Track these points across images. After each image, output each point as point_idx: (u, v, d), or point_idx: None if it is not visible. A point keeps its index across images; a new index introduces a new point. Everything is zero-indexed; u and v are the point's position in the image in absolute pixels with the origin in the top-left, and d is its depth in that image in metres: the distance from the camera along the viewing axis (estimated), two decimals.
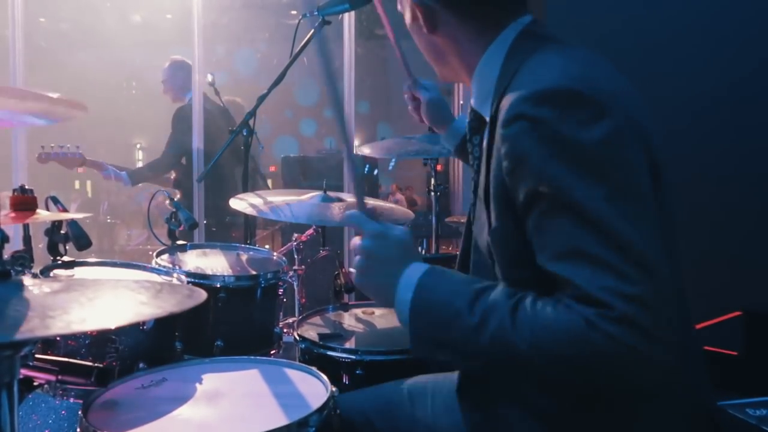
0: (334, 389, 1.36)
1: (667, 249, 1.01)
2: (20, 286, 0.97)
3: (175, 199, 2.36)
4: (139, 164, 6.12)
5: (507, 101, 1.08)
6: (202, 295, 0.99)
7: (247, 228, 2.86)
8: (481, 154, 1.29)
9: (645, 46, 2.53)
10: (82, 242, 1.91)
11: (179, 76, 4.43)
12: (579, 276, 0.97)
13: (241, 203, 2.20)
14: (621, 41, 2.51)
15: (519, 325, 1.00)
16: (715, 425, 1.18)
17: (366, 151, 2.66)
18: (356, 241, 1.21)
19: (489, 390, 1.21)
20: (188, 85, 4.35)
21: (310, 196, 2.25)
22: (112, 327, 0.86)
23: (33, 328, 0.81)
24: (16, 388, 0.94)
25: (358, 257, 1.19)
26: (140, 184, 4.74)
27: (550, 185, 1.01)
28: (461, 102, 4.09)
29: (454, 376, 1.39)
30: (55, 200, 1.92)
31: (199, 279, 2.00)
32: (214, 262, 2.24)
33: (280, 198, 2.26)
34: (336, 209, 2.13)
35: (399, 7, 1.33)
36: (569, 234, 0.99)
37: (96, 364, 1.33)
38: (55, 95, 1.46)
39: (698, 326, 2.32)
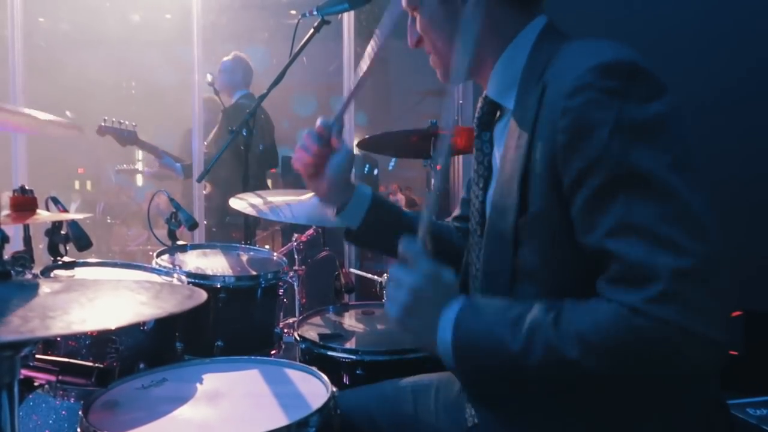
0: (334, 389, 1.36)
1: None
2: (20, 286, 0.97)
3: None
4: (139, 164, 6.12)
5: (565, 75, 1.07)
6: (202, 295, 0.99)
7: (248, 228, 2.86)
8: (492, 146, 1.29)
9: (644, 45, 2.53)
10: (83, 243, 1.91)
11: (242, 71, 4.41)
12: (632, 252, 0.96)
13: (240, 203, 2.21)
14: (622, 40, 2.51)
15: (564, 336, 0.99)
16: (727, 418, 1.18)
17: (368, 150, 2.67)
18: (399, 272, 1.14)
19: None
20: (241, 83, 4.32)
21: (310, 196, 2.24)
22: (113, 327, 0.86)
23: (33, 328, 0.81)
24: (16, 389, 0.94)
25: (403, 293, 1.12)
26: (140, 184, 4.72)
27: (612, 157, 1.00)
28: (461, 101, 4.09)
29: None
30: (56, 201, 1.92)
31: (199, 279, 2.00)
32: (215, 263, 2.24)
33: (279, 198, 2.26)
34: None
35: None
36: (626, 209, 0.98)
37: (96, 365, 1.33)
38: (51, 117, 1.46)
39: None
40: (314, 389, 1.41)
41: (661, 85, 1.04)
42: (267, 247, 2.73)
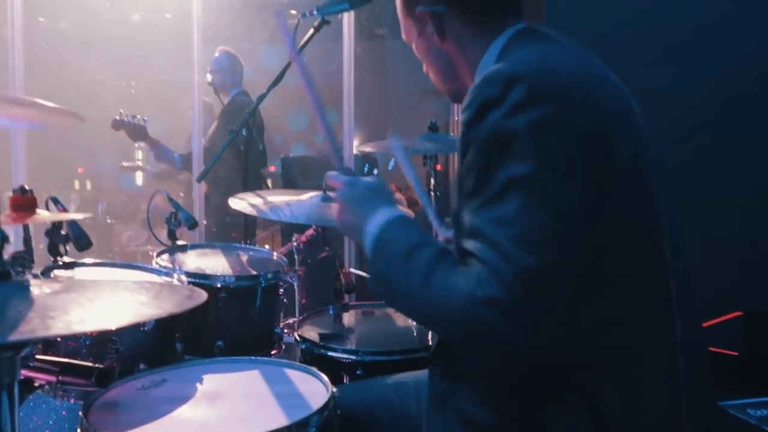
0: (334, 389, 1.36)
1: (632, 228, 1.09)
2: (20, 286, 0.97)
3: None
4: (139, 163, 6.11)
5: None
6: (202, 295, 0.99)
7: (247, 228, 2.85)
8: None
9: (644, 45, 2.53)
10: (83, 243, 1.91)
11: (237, 68, 4.39)
12: (477, 251, 1.04)
13: (240, 203, 2.20)
14: (621, 40, 2.51)
15: (430, 283, 1.08)
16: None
17: (367, 149, 2.66)
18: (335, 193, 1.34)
19: (453, 363, 1.26)
20: (237, 81, 4.31)
21: (310, 196, 2.24)
22: (112, 328, 0.86)
23: (33, 328, 0.81)
24: (16, 389, 0.94)
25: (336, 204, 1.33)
26: (140, 184, 4.72)
27: (473, 165, 1.08)
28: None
29: None
30: (55, 200, 1.92)
31: (199, 279, 2.00)
32: (215, 263, 2.24)
33: (279, 198, 2.25)
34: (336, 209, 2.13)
35: (403, 32, 1.40)
36: (476, 210, 1.07)
37: (96, 365, 1.33)
38: (53, 105, 1.46)
39: None
40: (314, 389, 1.41)
41: (540, 95, 1.06)
42: (267, 247, 2.73)
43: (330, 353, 1.82)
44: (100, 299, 0.95)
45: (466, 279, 1.03)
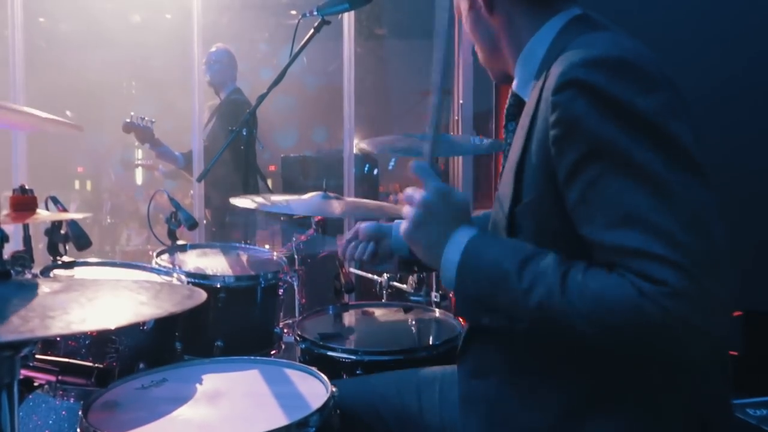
0: (334, 389, 1.36)
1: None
2: (20, 286, 0.97)
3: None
4: (138, 161, 6.12)
5: (556, 70, 1.08)
6: (201, 295, 0.99)
7: (247, 228, 2.86)
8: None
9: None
10: (82, 242, 1.91)
11: (234, 65, 4.38)
12: (632, 244, 0.97)
13: (243, 201, 2.20)
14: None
15: (569, 292, 1.00)
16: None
17: (364, 146, 2.67)
18: (413, 192, 1.20)
19: (488, 358, 1.22)
20: (233, 78, 4.32)
21: (310, 195, 2.24)
22: (112, 327, 0.86)
23: (33, 328, 0.81)
24: (16, 389, 0.94)
25: (414, 209, 1.17)
26: (139, 183, 4.72)
27: (605, 147, 1.01)
28: (461, 101, 4.09)
29: None
30: (55, 200, 1.92)
31: (199, 279, 2.00)
32: (214, 263, 2.24)
33: (280, 198, 2.25)
34: (336, 206, 2.13)
35: (455, 4, 1.35)
36: (622, 199, 0.99)
37: (96, 365, 1.33)
38: (52, 116, 1.46)
39: None
40: (314, 389, 1.41)
41: (655, 81, 1.04)
42: (267, 247, 2.73)
43: (330, 353, 1.82)
44: (99, 299, 0.95)
45: (618, 279, 0.97)
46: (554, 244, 1.09)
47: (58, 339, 1.59)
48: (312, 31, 2.55)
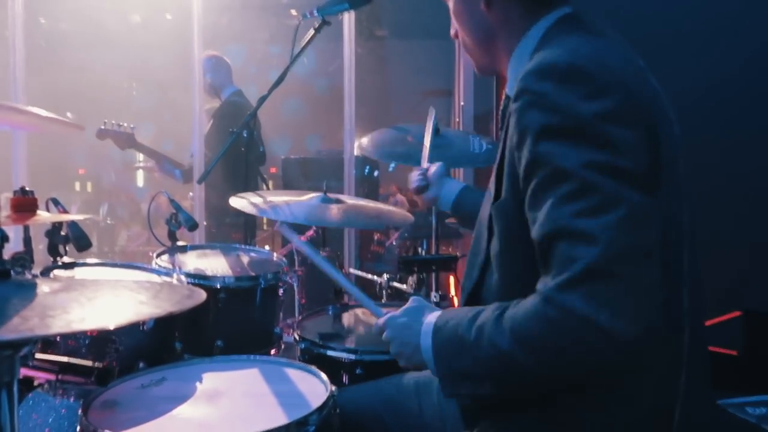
0: (333, 388, 1.37)
1: (666, 236, 1.04)
2: (20, 285, 0.97)
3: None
4: (140, 163, 6.12)
5: (519, 78, 1.11)
6: (201, 295, 1.00)
7: (247, 229, 2.85)
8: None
9: (644, 44, 2.53)
10: (82, 243, 1.91)
11: (223, 68, 4.38)
12: (555, 246, 1.00)
13: (240, 203, 2.20)
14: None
15: (499, 328, 1.05)
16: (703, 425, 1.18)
17: (364, 142, 2.67)
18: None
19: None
20: (228, 81, 4.33)
21: (310, 197, 2.24)
22: (111, 327, 0.86)
23: (32, 327, 0.81)
24: (16, 388, 0.94)
25: (387, 335, 1.31)
26: (140, 185, 4.72)
27: (544, 156, 1.04)
28: (462, 103, 4.09)
29: None
30: (56, 202, 1.92)
31: (199, 280, 2.00)
32: (214, 263, 2.24)
33: (279, 199, 2.26)
34: (335, 210, 2.13)
35: None
36: (553, 205, 1.02)
37: (96, 364, 1.33)
38: (53, 115, 1.47)
39: None
40: (314, 388, 1.41)
41: (602, 86, 1.05)
42: (267, 247, 2.73)
43: (329, 352, 1.82)
44: (99, 298, 0.95)
45: (532, 298, 1.02)
46: (516, 244, 1.14)
47: (58, 338, 1.59)
48: (312, 31, 2.55)
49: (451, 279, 3.63)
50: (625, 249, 0.96)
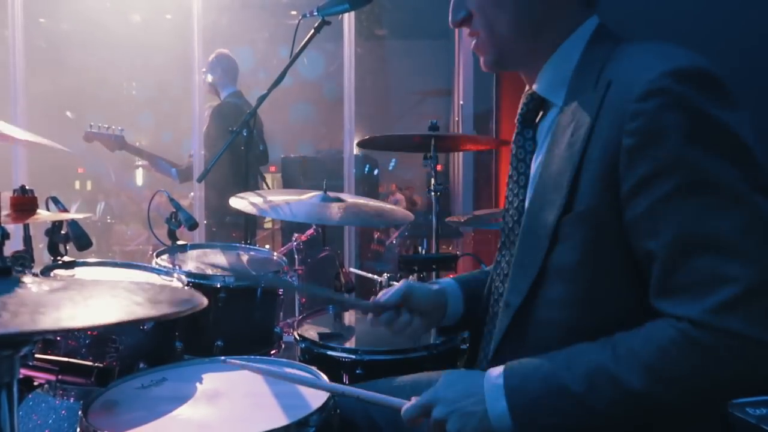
0: None
1: None
2: (17, 283, 0.97)
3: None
4: (139, 162, 6.12)
5: (633, 77, 1.04)
6: (200, 300, 0.99)
7: (248, 228, 2.86)
8: (535, 144, 1.26)
9: None
10: (83, 242, 1.91)
11: (231, 69, 4.38)
12: (698, 262, 0.94)
13: (240, 203, 2.20)
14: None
15: (626, 367, 0.97)
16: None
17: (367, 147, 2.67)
18: (415, 414, 1.14)
19: None
20: (226, 81, 4.33)
21: (310, 196, 2.24)
22: (102, 325, 0.85)
23: (21, 323, 0.81)
24: (16, 388, 0.94)
25: (442, 419, 1.10)
26: (140, 184, 4.72)
27: (687, 164, 0.97)
28: (461, 102, 4.09)
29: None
30: (56, 201, 1.92)
31: (199, 279, 2.00)
32: (215, 263, 2.24)
33: (279, 197, 2.26)
34: (336, 208, 2.13)
35: None
36: (697, 217, 0.95)
37: (96, 364, 1.33)
38: (48, 143, 1.48)
39: None
40: (314, 389, 1.41)
41: (735, 97, 1.01)
42: (267, 247, 2.73)
43: (329, 352, 1.82)
44: (95, 298, 0.95)
45: (662, 323, 0.97)
46: (604, 256, 1.07)
47: (59, 338, 1.59)
48: (312, 31, 2.55)
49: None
50: None
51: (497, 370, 1.09)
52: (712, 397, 0.99)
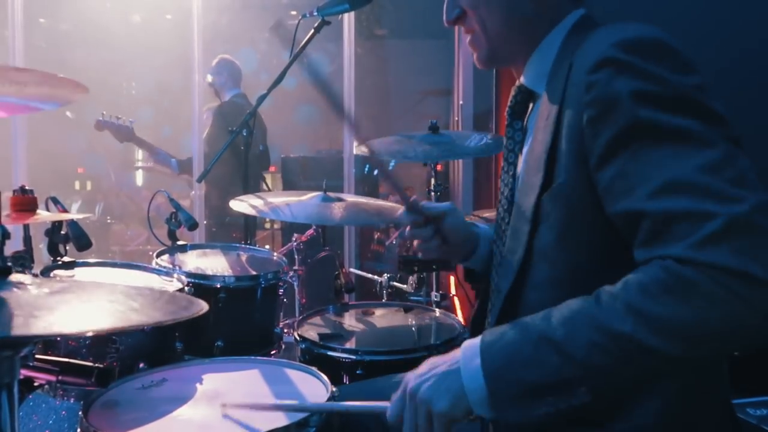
0: (334, 389, 1.36)
1: None
2: (15, 285, 0.96)
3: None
4: (139, 163, 6.12)
5: (586, 54, 1.07)
6: (199, 306, 0.99)
7: (248, 228, 2.85)
8: (524, 135, 1.28)
9: None
10: (83, 242, 1.91)
11: (234, 72, 4.43)
12: (678, 205, 0.92)
13: (241, 205, 2.21)
14: None
15: (609, 309, 0.93)
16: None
17: (365, 150, 2.66)
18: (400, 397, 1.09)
19: None
20: (230, 84, 4.36)
21: (310, 197, 2.24)
22: (92, 333, 0.85)
23: (13, 327, 0.81)
24: (16, 389, 0.94)
25: (417, 400, 1.05)
26: (139, 184, 4.73)
27: (646, 121, 0.98)
28: (461, 102, 4.09)
29: None
30: (56, 201, 1.92)
31: (199, 279, 2.00)
32: (215, 263, 2.24)
33: (280, 199, 2.26)
34: (336, 208, 2.13)
35: None
36: (665, 167, 0.95)
37: (96, 365, 1.33)
38: (56, 74, 1.46)
39: None
40: (314, 389, 1.41)
41: (689, 62, 1.02)
42: (267, 247, 2.73)
43: (330, 353, 1.83)
44: (92, 302, 0.95)
45: (647, 267, 0.93)
46: (581, 230, 1.08)
47: (59, 339, 1.59)
48: (312, 31, 2.55)
49: (452, 279, 3.63)
50: (762, 204, 0.90)
51: (475, 339, 1.06)
52: (703, 342, 0.92)
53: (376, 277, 2.66)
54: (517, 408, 0.98)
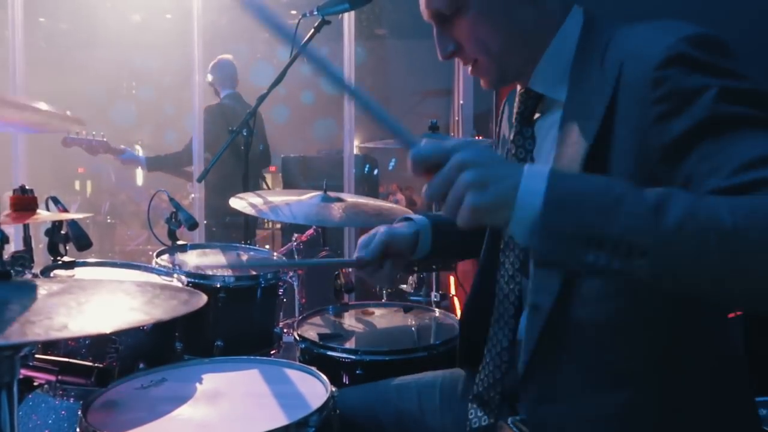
0: (333, 389, 1.36)
1: None
2: (17, 287, 0.97)
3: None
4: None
5: (644, 52, 1.05)
6: (198, 300, 0.99)
7: (247, 228, 2.86)
8: (534, 142, 1.26)
9: None
10: (83, 242, 1.91)
11: (229, 72, 4.47)
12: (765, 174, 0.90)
13: (240, 204, 2.21)
14: None
15: (713, 203, 0.87)
16: None
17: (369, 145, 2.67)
18: (435, 174, 0.93)
19: (557, 381, 1.14)
20: (225, 84, 4.39)
21: (310, 196, 2.24)
22: (91, 335, 0.85)
23: (9, 334, 0.80)
24: (16, 388, 0.94)
25: (460, 175, 0.90)
26: (140, 184, 4.73)
27: (726, 112, 0.97)
28: (461, 102, 4.09)
29: (461, 371, 1.39)
30: (56, 200, 1.92)
31: (199, 279, 2.00)
32: (214, 262, 2.24)
33: (279, 198, 2.26)
34: (336, 209, 2.13)
35: None
36: (752, 146, 0.94)
37: (96, 364, 1.33)
38: (53, 110, 1.46)
39: None
40: (314, 389, 1.41)
41: (741, 61, 1.04)
42: (267, 247, 2.74)
43: (329, 353, 1.82)
44: (90, 303, 0.95)
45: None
46: None
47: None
48: (312, 31, 2.55)
49: (451, 279, 3.63)
50: None
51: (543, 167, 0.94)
52: None
53: None
54: (564, 245, 0.88)
